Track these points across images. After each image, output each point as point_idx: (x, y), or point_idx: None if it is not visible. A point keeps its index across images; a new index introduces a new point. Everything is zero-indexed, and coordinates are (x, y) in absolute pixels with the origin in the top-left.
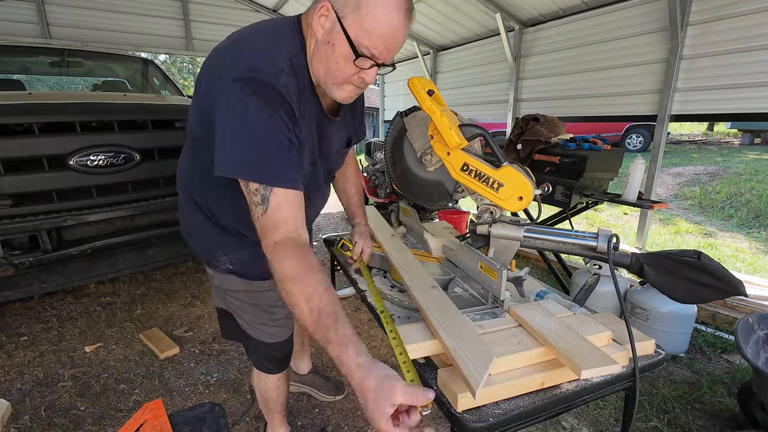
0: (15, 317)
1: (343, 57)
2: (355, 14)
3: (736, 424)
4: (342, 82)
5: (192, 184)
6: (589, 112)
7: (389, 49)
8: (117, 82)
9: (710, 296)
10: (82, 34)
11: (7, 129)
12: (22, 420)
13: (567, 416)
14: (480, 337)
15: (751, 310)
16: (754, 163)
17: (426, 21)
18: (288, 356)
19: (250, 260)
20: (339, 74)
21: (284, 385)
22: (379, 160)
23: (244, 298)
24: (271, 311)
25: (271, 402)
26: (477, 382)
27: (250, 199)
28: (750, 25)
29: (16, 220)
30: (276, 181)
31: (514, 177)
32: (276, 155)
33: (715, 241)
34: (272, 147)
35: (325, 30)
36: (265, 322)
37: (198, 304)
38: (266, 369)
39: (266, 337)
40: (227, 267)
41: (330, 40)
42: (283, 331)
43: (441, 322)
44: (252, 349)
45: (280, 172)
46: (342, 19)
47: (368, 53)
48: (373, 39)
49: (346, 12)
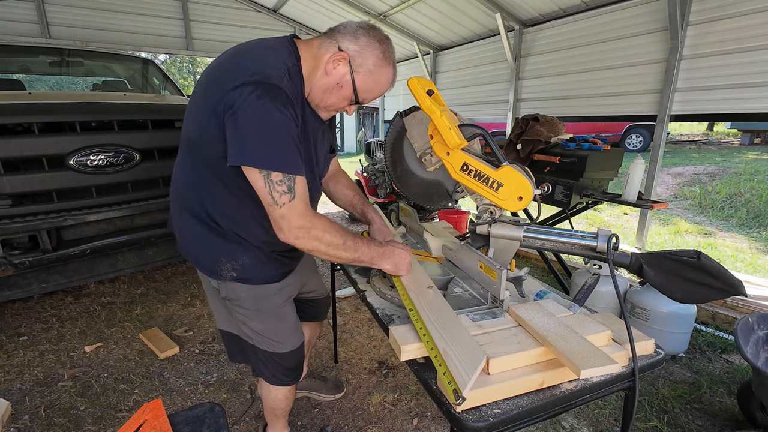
0: (15, 317)
1: (345, 98)
2: (366, 76)
3: (735, 424)
4: (332, 109)
5: (187, 191)
6: (589, 112)
7: (372, 100)
8: (117, 81)
9: (710, 296)
10: (82, 33)
11: (6, 129)
12: (22, 420)
13: (567, 416)
14: (472, 339)
15: (751, 310)
16: (754, 163)
17: (426, 21)
18: (301, 365)
19: (251, 264)
20: (334, 106)
21: (294, 393)
22: (379, 160)
23: (251, 305)
24: (280, 316)
25: (279, 411)
26: (464, 383)
27: (271, 189)
28: (750, 25)
29: (15, 219)
30: (298, 170)
31: (513, 177)
32: (292, 148)
33: (715, 241)
34: (288, 141)
35: (337, 73)
36: (277, 329)
37: (198, 304)
38: (280, 381)
39: (278, 347)
40: (231, 275)
41: (339, 82)
42: (295, 338)
43: (434, 323)
44: (263, 364)
45: (298, 162)
46: (354, 74)
47: (362, 100)
48: (368, 96)
49: (360, 71)
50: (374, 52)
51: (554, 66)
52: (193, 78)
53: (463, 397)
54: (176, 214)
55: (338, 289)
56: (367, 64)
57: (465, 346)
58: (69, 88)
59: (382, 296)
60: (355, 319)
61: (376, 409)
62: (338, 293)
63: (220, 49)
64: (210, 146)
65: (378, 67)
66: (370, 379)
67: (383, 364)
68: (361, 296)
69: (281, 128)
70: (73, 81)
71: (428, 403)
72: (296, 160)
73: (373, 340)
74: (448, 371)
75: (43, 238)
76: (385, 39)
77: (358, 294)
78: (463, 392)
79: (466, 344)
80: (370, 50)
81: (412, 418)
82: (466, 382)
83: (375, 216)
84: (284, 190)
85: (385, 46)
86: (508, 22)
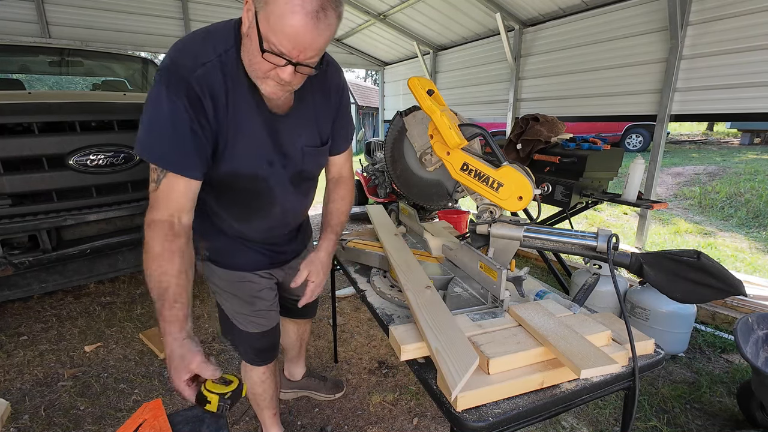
0: (15, 317)
1: (258, 51)
2: (264, 10)
3: (735, 423)
4: (263, 76)
5: None
6: (589, 112)
7: (299, 48)
8: (117, 81)
9: (710, 296)
10: (81, 33)
11: (6, 129)
12: (22, 420)
13: (567, 416)
14: (466, 340)
15: (751, 309)
16: (754, 163)
17: (426, 21)
18: (273, 349)
19: (223, 250)
20: (257, 68)
21: (270, 380)
22: (379, 160)
23: (224, 287)
24: (251, 302)
25: (258, 397)
26: (454, 384)
27: (150, 175)
28: (750, 25)
29: (15, 219)
30: (170, 165)
31: (513, 177)
32: (176, 142)
33: (715, 241)
34: (172, 133)
35: (248, 23)
36: (246, 313)
37: (197, 304)
38: (251, 360)
39: (249, 326)
40: (205, 253)
41: (248, 33)
42: (265, 321)
43: (429, 322)
44: (237, 339)
45: (176, 157)
46: (257, 14)
47: (276, 50)
48: (279, 37)
49: (259, 7)
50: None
51: (554, 66)
52: None
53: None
54: None
55: (338, 289)
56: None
57: (458, 347)
58: (69, 87)
59: (382, 296)
60: (355, 319)
61: (376, 409)
62: (338, 293)
63: None
64: None
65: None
66: (370, 379)
67: (383, 363)
68: (361, 296)
69: (170, 118)
70: (72, 81)
71: (428, 403)
72: (176, 155)
73: (373, 339)
74: (440, 371)
75: (43, 238)
76: None
77: (358, 294)
78: (452, 393)
79: (459, 345)
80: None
81: (412, 418)
82: (456, 382)
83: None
84: (154, 178)
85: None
86: (508, 21)
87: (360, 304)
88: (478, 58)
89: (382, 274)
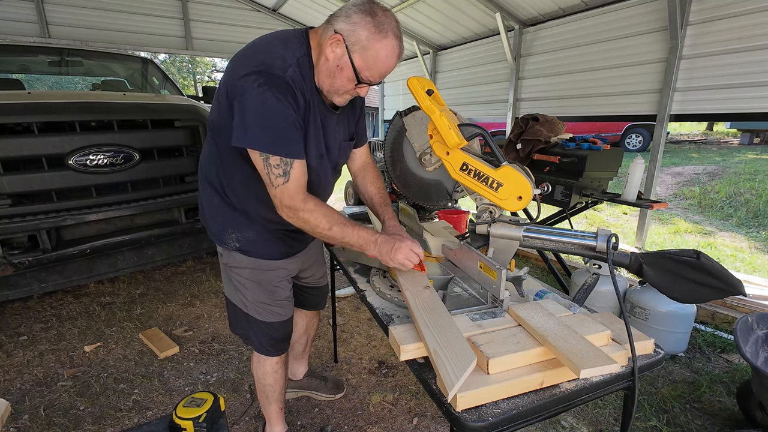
0: (14, 317)
1: (348, 79)
2: (362, 53)
3: (735, 423)
4: (343, 93)
5: (209, 166)
6: (588, 112)
7: (381, 77)
8: (116, 81)
9: (709, 296)
10: (81, 33)
11: (6, 129)
12: (22, 420)
13: (566, 416)
14: (464, 341)
15: (751, 309)
16: (754, 163)
17: (426, 21)
18: (287, 339)
19: (254, 240)
20: (342, 89)
21: (281, 372)
22: (378, 160)
23: (248, 275)
24: (272, 290)
25: (268, 389)
26: (451, 384)
27: (269, 171)
28: (750, 24)
29: (15, 219)
30: (294, 154)
31: (513, 177)
32: (291, 133)
33: (715, 241)
34: (286, 127)
35: (335, 56)
36: (267, 302)
37: (197, 304)
38: (266, 351)
39: (268, 316)
40: (234, 245)
41: (339, 65)
42: (283, 311)
43: (427, 323)
44: (253, 332)
45: (295, 147)
46: (351, 54)
47: (366, 80)
48: (373, 72)
49: (355, 49)
50: (366, 26)
51: (554, 66)
52: (192, 78)
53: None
54: (201, 186)
55: (338, 289)
56: (360, 41)
57: (456, 348)
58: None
59: (381, 296)
60: (355, 319)
61: (375, 409)
62: (338, 293)
63: (220, 48)
64: (224, 127)
65: (372, 41)
66: (370, 379)
67: (383, 363)
68: (361, 296)
69: (279, 114)
70: (72, 81)
71: (428, 403)
72: (295, 144)
73: (372, 339)
74: (438, 372)
75: (43, 238)
76: (379, 12)
77: (358, 294)
78: (449, 393)
79: (457, 346)
80: (361, 26)
81: (412, 418)
82: (453, 383)
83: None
84: (280, 173)
85: (379, 19)
86: (508, 21)
87: (360, 304)
88: (478, 58)
89: (382, 274)
